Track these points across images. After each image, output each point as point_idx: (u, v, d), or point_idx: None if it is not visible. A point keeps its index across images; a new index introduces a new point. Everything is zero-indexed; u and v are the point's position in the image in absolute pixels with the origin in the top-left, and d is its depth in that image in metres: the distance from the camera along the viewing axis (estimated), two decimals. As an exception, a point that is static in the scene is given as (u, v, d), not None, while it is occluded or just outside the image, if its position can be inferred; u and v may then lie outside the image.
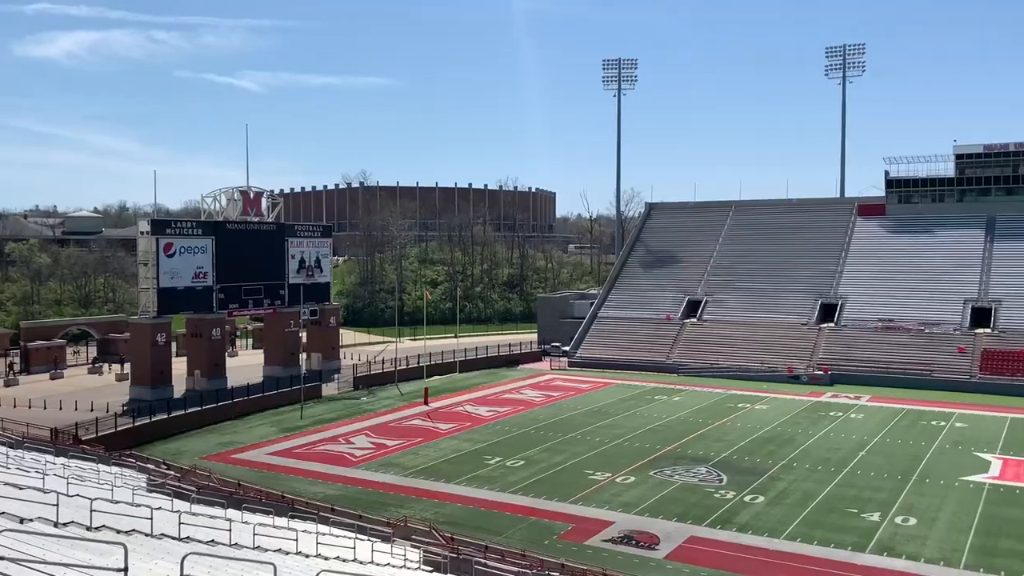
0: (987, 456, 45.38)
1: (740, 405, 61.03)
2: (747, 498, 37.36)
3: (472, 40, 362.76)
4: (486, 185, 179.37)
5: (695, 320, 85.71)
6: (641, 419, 55.54)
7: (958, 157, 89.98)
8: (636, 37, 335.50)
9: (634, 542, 31.74)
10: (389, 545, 25.60)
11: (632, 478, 40.65)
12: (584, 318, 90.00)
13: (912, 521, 34.16)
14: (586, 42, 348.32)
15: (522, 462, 43.81)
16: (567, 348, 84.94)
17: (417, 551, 26.19)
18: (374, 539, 25.63)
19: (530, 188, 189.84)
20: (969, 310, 76.58)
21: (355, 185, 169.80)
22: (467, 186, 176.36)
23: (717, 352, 79.28)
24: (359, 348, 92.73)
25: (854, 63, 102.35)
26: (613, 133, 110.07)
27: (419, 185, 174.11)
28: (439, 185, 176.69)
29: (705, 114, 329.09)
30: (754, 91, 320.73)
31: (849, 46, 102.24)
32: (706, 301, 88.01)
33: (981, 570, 28.98)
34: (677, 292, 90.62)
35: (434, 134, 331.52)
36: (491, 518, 34.69)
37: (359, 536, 25.41)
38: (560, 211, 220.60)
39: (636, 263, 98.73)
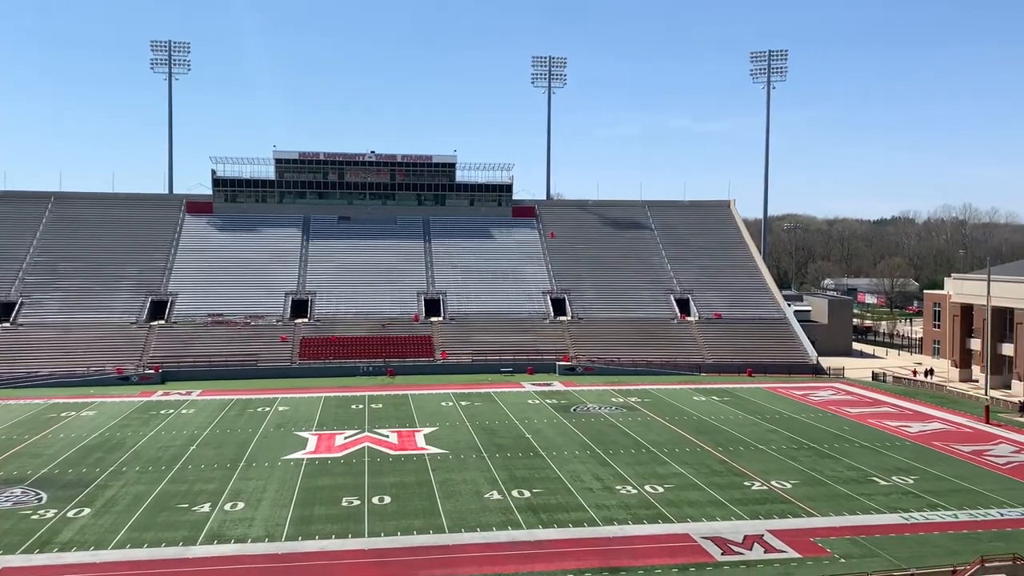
0: (305, 434, 50.44)
1: (64, 414, 56.28)
2: (71, 513, 34.67)
3: None
4: None
5: (8, 325, 76.19)
6: (-64, 445, 47.02)
7: (278, 162, 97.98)
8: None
9: (-75, 593, 26.79)
10: None
11: (-77, 517, 34.15)
12: None
13: (240, 505, 35.98)
14: None
15: None
16: None
17: None
18: None
19: None
20: (290, 302, 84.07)
21: None
22: None
23: (36, 359, 71.81)
24: None
25: (179, 60, 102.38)
26: None
27: None
28: None
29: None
30: (76, 76, 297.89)
31: (175, 43, 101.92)
32: (22, 303, 79.06)
33: (300, 538, 32.00)
34: (-16, 293, 79.32)
35: None
36: None
37: None
38: None
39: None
